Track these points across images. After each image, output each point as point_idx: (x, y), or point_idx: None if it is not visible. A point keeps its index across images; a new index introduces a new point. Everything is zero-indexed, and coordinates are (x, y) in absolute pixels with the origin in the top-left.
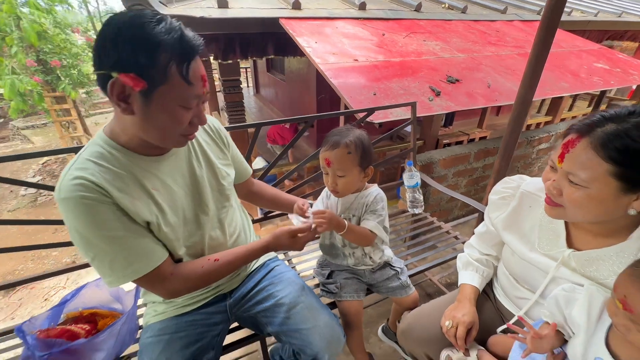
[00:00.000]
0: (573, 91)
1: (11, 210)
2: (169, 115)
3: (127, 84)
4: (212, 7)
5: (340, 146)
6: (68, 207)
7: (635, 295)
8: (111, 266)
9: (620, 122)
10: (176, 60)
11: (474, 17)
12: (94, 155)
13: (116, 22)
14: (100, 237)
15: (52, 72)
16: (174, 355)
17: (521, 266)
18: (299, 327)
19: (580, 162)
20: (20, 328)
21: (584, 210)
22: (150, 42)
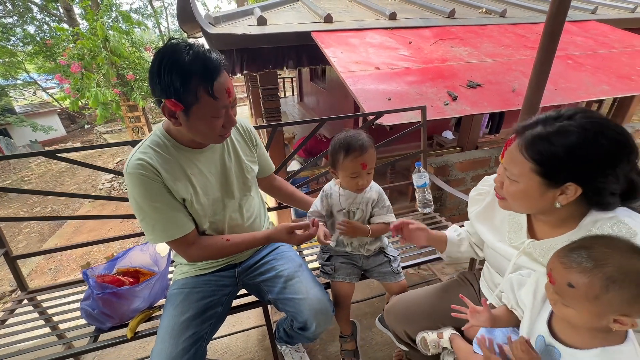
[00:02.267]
0: (614, 94)
1: (90, 202)
2: (205, 124)
3: (171, 108)
4: (253, 24)
5: (369, 147)
6: (130, 180)
7: (558, 268)
8: (153, 229)
9: (546, 126)
10: (202, 83)
11: (514, 20)
12: (153, 143)
13: (159, 56)
14: (149, 205)
15: (128, 84)
16: (192, 304)
17: (492, 256)
18: (293, 296)
19: (512, 160)
20: (86, 272)
21: (518, 202)
22: (182, 72)
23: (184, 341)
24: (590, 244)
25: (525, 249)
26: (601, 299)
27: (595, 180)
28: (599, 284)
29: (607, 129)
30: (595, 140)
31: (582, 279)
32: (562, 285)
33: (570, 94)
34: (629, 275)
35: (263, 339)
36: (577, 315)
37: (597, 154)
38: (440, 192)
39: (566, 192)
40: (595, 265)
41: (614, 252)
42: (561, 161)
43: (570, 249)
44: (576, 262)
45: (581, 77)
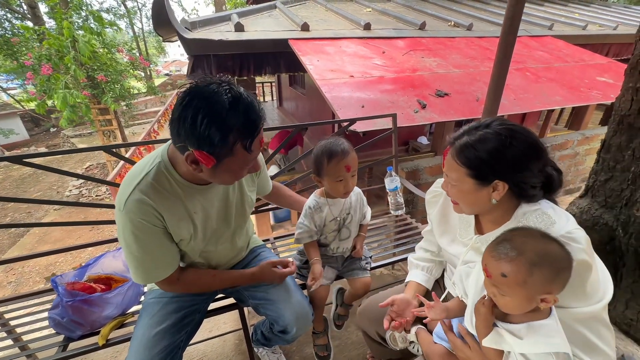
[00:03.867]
0: (567, 104)
1: (57, 209)
2: (231, 175)
3: (199, 160)
4: (230, 30)
5: (350, 151)
6: (126, 221)
7: (491, 262)
8: (136, 269)
9: (470, 135)
10: (242, 139)
11: (480, 33)
12: (156, 179)
13: (195, 100)
14: (140, 248)
15: (98, 86)
16: (169, 314)
17: (447, 255)
18: (275, 301)
19: (449, 167)
20: (54, 280)
21: (463, 203)
22: (223, 128)
23: (159, 352)
24: (510, 236)
25: (473, 244)
26: (528, 282)
27: (515, 175)
28: (524, 268)
29: (517, 133)
30: (509, 143)
31: (511, 267)
32: (497, 276)
33: (528, 104)
34: (544, 258)
35: (240, 343)
36: (513, 302)
37: (512, 154)
38: (412, 195)
39: (497, 189)
40: (518, 253)
41: (530, 240)
42: (485, 163)
43: (496, 244)
44: (503, 253)
45: (538, 88)
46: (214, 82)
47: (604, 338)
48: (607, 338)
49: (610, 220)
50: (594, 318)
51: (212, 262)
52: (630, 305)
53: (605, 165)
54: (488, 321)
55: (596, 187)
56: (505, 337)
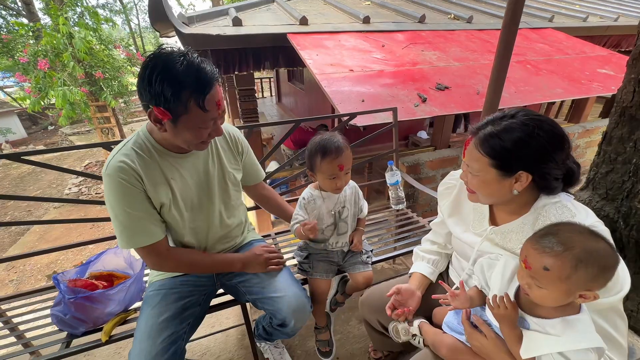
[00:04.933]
0: (568, 96)
1: (57, 207)
2: (191, 134)
3: (158, 116)
4: (228, 25)
5: (345, 149)
6: (109, 182)
7: (533, 255)
8: (121, 234)
9: (495, 125)
10: (194, 95)
11: (480, 26)
12: (136, 145)
13: (151, 62)
14: (123, 210)
15: (96, 83)
16: (170, 304)
17: (459, 245)
18: (272, 295)
19: (471, 157)
20: (56, 277)
21: (482, 193)
22: (174, 82)
23: (163, 341)
24: (556, 230)
25: (488, 235)
26: (572, 277)
27: (540, 166)
28: (570, 264)
29: (543, 123)
30: (535, 133)
31: (556, 261)
32: (538, 269)
33: (529, 97)
34: (592, 255)
35: (242, 338)
36: (550, 295)
37: (538, 144)
38: (413, 189)
39: (520, 179)
40: (564, 249)
41: (578, 236)
42: (510, 153)
43: (540, 237)
44: (548, 247)
45: (538, 81)
46: (168, 46)
47: (619, 329)
48: (622, 329)
49: (611, 213)
50: (612, 309)
51: (203, 243)
52: (630, 297)
53: (607, 157)
54: (513, 321)
55: (597, 180)
56: (539, 339)
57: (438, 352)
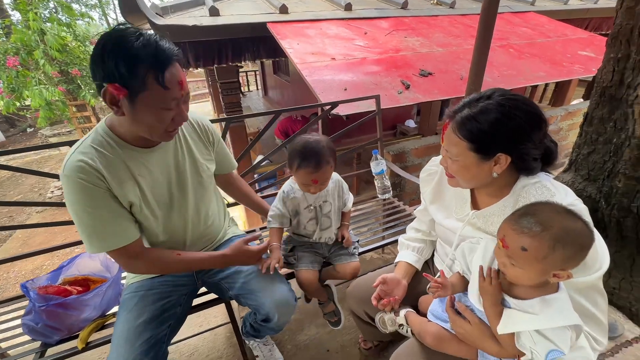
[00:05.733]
0: (550, 79)
1: (39, 212)
2: (153, 115)
3: (113, 93)
4: (205, 15)
5: (324, 164)
6: (68, 183)
7: (511, 235)
8: (90, 238)
9: (471, 107)
10: (152, 70)
11: (463, 11)
12: (95, 142)
13: (103, 40)
14: (86, 212)
15: (73, 81)
16: (147, 306)
17: (442, 231)
18: (254, 290)
19: (450, 141)
20: (24, 285)
21: (462, 177)
22: (128, 56)
23: (141, 345)
24: (534, 210)
25: (470, 220)
26: (548, 258)
27: (518, 147)
28: (547, 244)
29: (519, 102)
30: (512, 113)
31: (533, 242)
32: (515, 249)
33: (512, 81)
34: (569, 235)
35: (231, 336)
36: (525, 274)
37: (515, 124)
38: (399, 178)
39: (499, 162)
40: (542, 229)
41: (556, 216)
42: (488, 135)
43: (518, 216)
44: (527, 227)
45: (521, 64)
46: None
47: (600, 306)
48: (602, 306)
49: (593, 193)
50: (592, 287)
51: (181, 242)
52: (613, 275)
53: (588, 138)
54: (496, 298)
55: (579, 161)
56: (517, 316)
57: (423, 341)
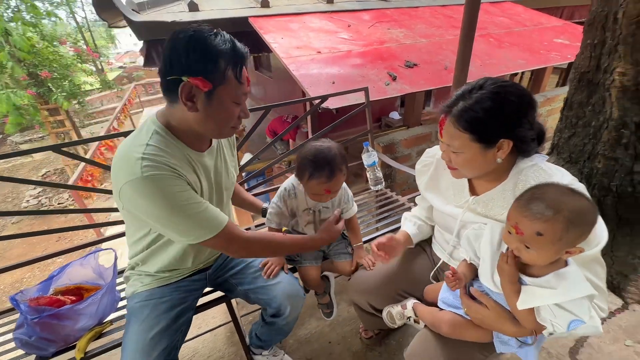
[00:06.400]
0: (530, 67)
1: (15, 222)
2: (225, 110)
3: (197, 86)
4: (183, 11)
5: (337, 173)
6: (152, 184)
7: (524, 222)
8: (187, 230)
9: (466, 100)
10: (231, 65)
11: (442, 2)
12: (160, 143)
13: (184, 36)
14: (178, 206)
15: (43, 84)
16: (161, 315)
17: (441, 218)
18: (265, 283)
19: (450, 136)
20: (14, 297)
21: (468, 169)
22: (213, 51)
23: (158, 356)
24: (541, 194)
25: (470, 206)
26: (563, 239)
27: (517, 130)
28: (562, 227)
29: (511, 88)
30: (507, 99)
31: (548, 226)
32: (531, 234)
33: (494, 69)
34: (579, 215)
35: (231, 336)
36: (541, 256)
37: (511, 109)
38: (390, 169)
39: (502, 147)
40: (554, 212)
41: (563, 197)
42: (487, 124)
43: (527, 202)
44: (539, 213)
45: (502, 53)
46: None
47: (600, 275)
48: (602, 276)
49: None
50: (594, 260)
51: None
52: None
53: (568, 122)
54: (514, 277)
55: (561, 144)
56: (536, 292)
57: (439, 330)
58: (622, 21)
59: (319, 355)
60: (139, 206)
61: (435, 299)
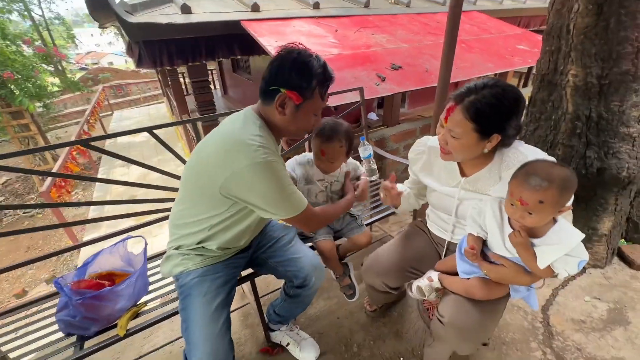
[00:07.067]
0: (497, 70)
1: None
2: (306, 119)
3: (291, 98)
4: (176, 13)
5: (334, 140)
6: (266, 167)
7: (527, 194)
8: (288, 207)
9: (477, 93)
10: (320, 85)
11: (418, 10)
12: (265, 134)
13: (290, 56)
14: (284, 185)
15: (5, 86)
16: (219, 288)
17: (437, 198)
18: (294, 256)
19: (456, 122)
20: (57, 281)
21: (461, 153)
22: (310, 73)
23: (222, 325)
24: (534, 170)
25: (462, 186)
26: (559, 201)
27: (508, 128)
28: (557, 192)
29: (512, 91)
30: (508, 101)
31: (546, 194)
32: (534, 203)
33: (467, 72)
34: (568, 181)
35: (245, 319)
36: (541, 219)
37: (509, 110)
38: (381, 162)
39: (492, 141)
40: (549, 182)
41: (552, 169)
42: (490, 119)
43: (525, 178)
44: (538, 184)
45: (472, 57)
46: (296, 47)
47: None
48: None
49: None
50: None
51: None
52: None
53: (533, 117)
54: (527, 244)
55: (527, 137)
56: (547, 250)
57: (473, 295)
58: (573, 32)
59: (329, 329)
60: (254, 185)
61: (449, 269)
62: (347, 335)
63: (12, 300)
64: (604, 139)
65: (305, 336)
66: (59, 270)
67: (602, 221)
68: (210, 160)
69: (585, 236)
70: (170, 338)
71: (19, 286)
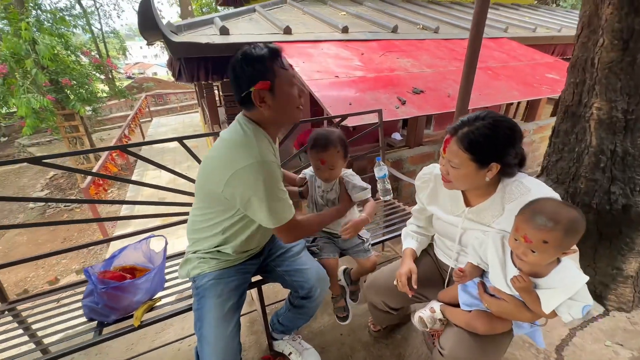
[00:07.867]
0: (522, 98)
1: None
2: (287, 96)
3: (262, 89)
4: (215, 34)
5: (331, 147)
6: (264, 169)
7: (532, 232)
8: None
9: (471, 126)
10: (273, 60)
11: (446, 35)
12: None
13: (236, 59)
14: (279, 190)
15: (62, 90)
16: (232, 291)
17: (442, 226)
18: (302, 267)
19: (453, 153)
20: (87, 270)
21: (461, 182)
22: (257, 59)
23: (233, 328)
24: (540, 208)
25: (466, 215)
26: (564, 243)
27: (505, 157)
28: (562, 234)
29: (506, 122)
30: (502, 132)
31: (551, 235)
32: (538, 242)
33: (491, 99)
34: (574, 223)
35: (250, 325)
36: (543, 258)
37: (504, 140)
38: (397, 182)
39: (492, 169)
40: (555, 223)
41: (559, 210)
42: (485, 149)
43: (531, 216)
44: (542, 224)
45: (498, 85)
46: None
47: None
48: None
49: (561, 194)
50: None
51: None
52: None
53: (556, 148)
54: (529, 288)
55: (549, 167)
56: (551, 294)
57: (475, 329)
58: (597, 65)
59: (331, 345)
60: (249, 185)
61: (450, 300)
62: (349, 353)
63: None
64: (630, 175)
65: (307, 346)
66: (88, 262)
67: (627, 261)
68: (214, 163)
69: (609, 276)
70: (180, 335)
71: (52, 274)
